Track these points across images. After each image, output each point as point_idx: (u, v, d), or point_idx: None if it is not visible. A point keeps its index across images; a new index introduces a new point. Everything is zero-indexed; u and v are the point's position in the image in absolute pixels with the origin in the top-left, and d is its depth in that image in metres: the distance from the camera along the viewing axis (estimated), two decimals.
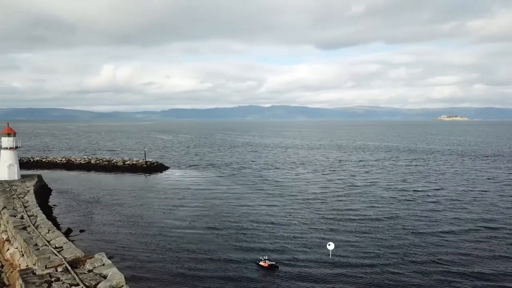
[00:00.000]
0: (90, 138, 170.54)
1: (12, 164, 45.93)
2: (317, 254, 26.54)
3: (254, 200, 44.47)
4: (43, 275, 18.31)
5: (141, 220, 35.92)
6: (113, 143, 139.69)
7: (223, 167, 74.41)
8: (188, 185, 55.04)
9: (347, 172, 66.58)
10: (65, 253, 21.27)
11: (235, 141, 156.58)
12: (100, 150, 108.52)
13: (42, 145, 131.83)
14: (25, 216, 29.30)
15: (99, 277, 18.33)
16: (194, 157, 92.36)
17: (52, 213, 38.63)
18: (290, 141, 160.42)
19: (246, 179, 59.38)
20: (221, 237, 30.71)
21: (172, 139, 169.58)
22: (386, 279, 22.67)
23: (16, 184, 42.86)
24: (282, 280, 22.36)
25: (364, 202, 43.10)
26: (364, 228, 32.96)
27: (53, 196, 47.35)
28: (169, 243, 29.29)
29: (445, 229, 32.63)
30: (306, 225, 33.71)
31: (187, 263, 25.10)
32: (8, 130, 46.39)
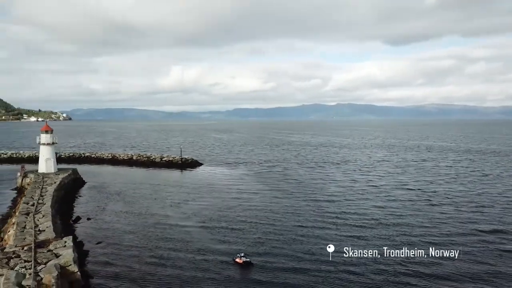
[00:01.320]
0: (148, 136, 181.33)
1: (49, 158, 51.06)
2: (315, 256, 26.14)
3: (267, 197, 44.54)
4: (9, 252, 20.85)
5: (145, 211, 38.19)
6: (166, 141, 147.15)
7: (255, 164, 75.53)
8: (212, 180, 56.93)
9: (380, 173, 63.97)
10: (41, 235, 23.81)
11: (283, 140, 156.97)
12: (151, 148, 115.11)
13: (103, 142, 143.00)
14: (35, 203, 32.84)
15: (53, 256, 20.45)
16: (233, 155, 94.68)
17: (72, 202, 42.23)
18: (340, 139, 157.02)
19: (271, 177, 59.67)
20: (212, 232, 31.41)
21: (224, 138, 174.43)
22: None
23: (49, 176, 47.72)
24: (252, 277, 22.56)
25: (381, 204, 40.88)
26: (372, 232, 31.43)
27: (84, 188, 51.59)
28: (159, 234, 30.83)
29: (460, 241, 30.24)
30: (306, 226, 32.94)
31: (166, 253, 26.40)
32: (46, 127, 51.82)
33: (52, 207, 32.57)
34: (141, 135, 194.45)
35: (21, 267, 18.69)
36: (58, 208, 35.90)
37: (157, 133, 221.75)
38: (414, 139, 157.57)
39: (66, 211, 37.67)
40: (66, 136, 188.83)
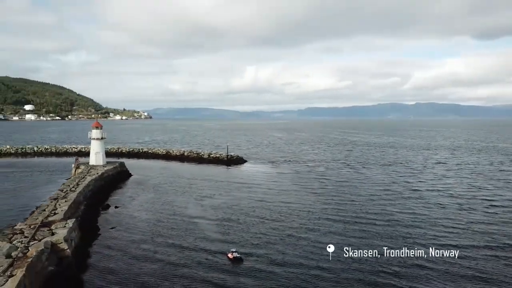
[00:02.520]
0: (211, 135, 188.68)
1: (98, 152, 56.39)
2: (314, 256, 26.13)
3: (291, 196, 44.59)
4: (17, 229, 24.20)
5: (169, 202, 40.73)
6: (224, 139, 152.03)
7: (299, 163, 75.42)
8: (248, 177, 58.28)
9: (425, 176, 60.68)
10: (52, 217, 27.06)
11: (343, 140, 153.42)
12: (210, 145, 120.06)
13: (168, 139, 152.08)
14: (67, 190, 36.98)
15: (50, 234, 23.37)
16: (281, 153, 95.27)
17: (109, 192, 46.25)
18: (404, 140, 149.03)
19: (307, 177, 59.22)
20: (218, 226, 32.47)
21: (283, 137, 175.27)
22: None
23: (96, 168, 52.78)
24: (236, 273, 22.90)
25: (410, 207, 39.31)
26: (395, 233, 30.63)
27: (127, 180, 56.00)
28: (168, 224, 32.87)
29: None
30: (318, 226, 32.74)
31: (166, 242, 28.24)
32: (96, 124, 57.25)
33: (81, 194, 36.41)
34: (206, 134, 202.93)
35: (18, 241, 21.74)
36: (91, 195, 39.90)
37: (222, 131, 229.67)
38: (490, 141, 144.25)
39: (100, 199, 41.51)
40: (140, 133, 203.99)
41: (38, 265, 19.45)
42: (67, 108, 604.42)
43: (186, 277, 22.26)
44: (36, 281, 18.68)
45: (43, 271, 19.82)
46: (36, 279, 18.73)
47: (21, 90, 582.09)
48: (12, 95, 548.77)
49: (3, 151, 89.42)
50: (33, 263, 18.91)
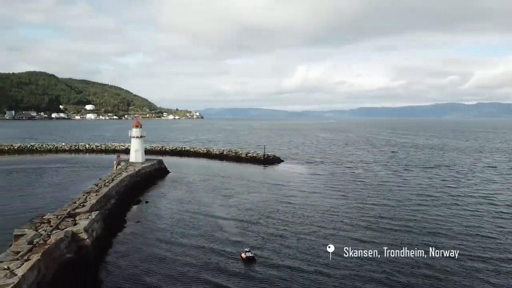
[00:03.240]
0: (255, 134, 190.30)
1: (138, 150, 59.29)
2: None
3: (319, 197, 44.24)
4: (45, 218, 26.33)
5: (197, 199, 42.09)
6: (267, 139, 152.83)
7: (337, 164, 74.27)
8: (281, 177, 58.52)
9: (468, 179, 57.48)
10: (79, 209, 29.10)
11: (391, 141, 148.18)
12: (252, 145, 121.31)
13: (212, 138, 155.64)
14: (101, 185, 39.40)
15: (72, 224, 25.22)
16: (321, 154, 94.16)
17: (144, 187, 48.48)
18: (456, 142, 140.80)
19: (342, 178, 58.13)
20: (238, 225, 32.78)
21: (328, 137, 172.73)
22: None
23: (134, 165, 55.57)
24: (247, 272, 22.96)
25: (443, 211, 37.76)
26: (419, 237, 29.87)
27: (164, 177, 58.40)
28: (190, 220, 33.98)
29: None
30: (338, 227, 32.58)
31: (183, 238, 29.34)
32: (136, 123, 60.26)
33: (113, 189, 38.66)
34: (251, 133, 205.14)
35: (43, 230, 23.72)
36: (124, 191, 42.19)
37: (267, 131, 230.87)
38: None
39: (133, 194, 43.74)
40: (188, 132, 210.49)
41: (56, 252, 21.10)
42: (124, 108, 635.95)
43: (196, 274, 22.62)
44: (53, 266, 20.31)
45: (61, 257, 21.45)
46: (53, 264, 20.35)
47: (83, 91, 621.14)
48: (75, 96, 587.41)
49: (59, 148, 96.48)
50: (50, 249, 20.56)
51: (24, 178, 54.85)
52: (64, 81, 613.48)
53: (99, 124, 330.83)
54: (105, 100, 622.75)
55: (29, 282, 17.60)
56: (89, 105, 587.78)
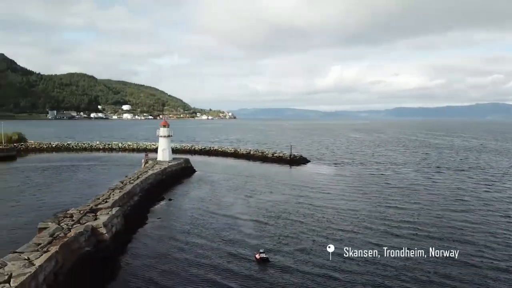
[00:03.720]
0: (285, 134, 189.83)
1: (165, 149, 60.78)
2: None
3: (341, 199, 43.61)
4: (68, 213, 27.63)
5: (218, 198, 42.64)
6: (295, 139, 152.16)
7: (365, 166, 72.99)
8: (305, 177, 58.25)
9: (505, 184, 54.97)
10: (101, 205, 30.32)
11: (425, 142, 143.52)
12: (281, 145, 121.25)
13: (241, 138, 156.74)
14: (127, 182, 40.74)
15: (93, 219, 26.32)
16: (350, 155, 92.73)
17: (169, 185, 49.57)
18: (495, 144, 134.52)
19: (368, 180, 56.95)
20: (255, 225, 32.80)
21: (359, 138, 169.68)
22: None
23: (161, 163, 57.03)
24: (261, 273, 22.86)
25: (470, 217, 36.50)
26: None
27: (190, 175, 59.48)
28: (208, 219, 34.47)
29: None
30: (354, 230, 32.34)
31: (198, 238, 29.92)
32: (164, 123, 61.78)
33: (137, 186, 39.90)
34: (281, 133, 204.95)
35: (65, 223, 24.93)
36: (148, 188, 43.42)
37: (298, 131, 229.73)
38: None
39: (158, 191, 44.90)
40: (219, 132, 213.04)
41: (74, 244, 22.16)
42: (158, 108, 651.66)
43: (208, 272, 22.82)
44: (71, 258, 21.34)
45: (79, 250, 22.49)
46: (71, 256, 21.39)
47: (120, 92, 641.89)
48: (112, 96, 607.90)
49: (93, 146, 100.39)
50: (69, 242, 21.62)
51: (57, 175, 57.53)
52: (102, 82, 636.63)
53: (134, 124, 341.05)
54: (141, 101, 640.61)
55: (46, 272, 18.61)
56: (125, 105, 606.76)
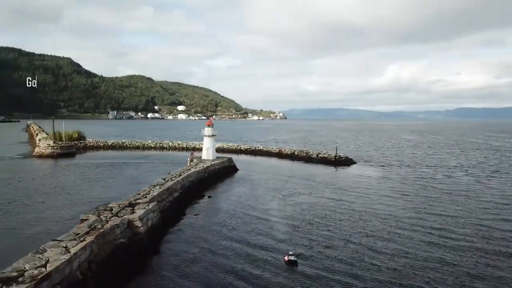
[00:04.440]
0: (334, 135, 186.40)
1: (209, 148, 62.39)
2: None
3: (381, 203, 42.36)
4: (107, 207, 29.38)
5: (256, 197, 43.11)
6: (344, 140, 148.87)
7: (414, 168, 69.95)
8: (348, 179, 57.05)
9: None
10: (140, 200, 31.89)
11: (484, 144, 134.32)
12: (329, 145, 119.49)
13: (287, 139, 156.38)
14: (169, 179, 42.41)
15: (130, 213, 27.81)
16: (399, 157, 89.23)
17: (211, 183, 50.80)
18: None
19: (415, 183, 54.62)
20: (291, 227, 32.80)
21: (413, 139, 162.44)
22: None
23: (205, 162, 58.64)
24: (287, 276, 22.54)
25: None
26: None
27: (232, 174, 60.63)
28: (243, 218, 34.84)
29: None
30: (387, 237, 31.45)
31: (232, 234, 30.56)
32: (208, 123, 63.51)
33: (178, 183, 41.40)
34: (330, 134, 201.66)
35: (104, 216, 26.58)
36: (189, 185, 44.91)
37: (349, 132, 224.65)
38: None
39: (199, 189, 46.30)
40: (267, 132, 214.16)
41: (110, 236, 23.57)
42: (211, 108, 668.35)
43: (234, 272, 22.94)
44: (105, 248, 22.75)
45: (114, 241, 23.89)
46: (106, 247, 22.80)
47: (175, 93, 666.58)
48: (168, 97, 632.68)
49: (146, 145, 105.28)
50: (105, 233, 23.06)
51: (109, 171, 61.11)
52: (159, 84, 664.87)
53: (188, 124, 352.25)
54: (195, 101, 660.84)
55: (81, 259, 20.02)
56: (180, 106, 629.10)
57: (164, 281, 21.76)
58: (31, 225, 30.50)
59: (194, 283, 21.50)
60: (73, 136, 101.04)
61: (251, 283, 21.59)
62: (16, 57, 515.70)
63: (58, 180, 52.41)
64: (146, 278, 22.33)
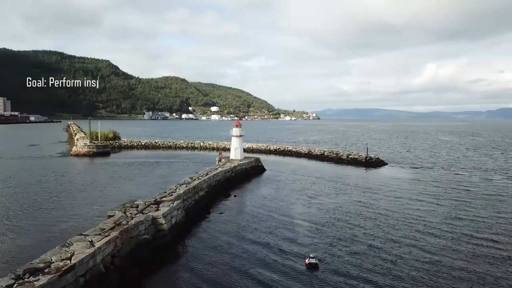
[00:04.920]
0: (368, 136, 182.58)
1: (237, 148, 62.98)
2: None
3: (410, 206, 41.26)
4: (134, 204, 30.35)
5: (280, 197, 43.12)
6: (377, 141, 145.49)
7: (448, 170, 67.50)
8: (378, 180, 55.82)
9: None
10: (165, 197, 32.69)
11: None
12: (362, 146, 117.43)
13: (319, 139, 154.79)
14: (195, 178, 43.18)
15: (154, 210, 28.59)
16: (434, 159, 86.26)
17: (238, 182, 51.34)
18: None
19: (448, 186, 52.78)
20: (316, 228, 32.27)
21: (450, 141, 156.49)
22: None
23: (233, 161, 59.26)
24: (306, 279, 22.34)
25: None
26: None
27: (260, 174, 60.86)
28: (266, 218, 35.03)
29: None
30: (414, 243, 30.74)
31: (254, 236, 30.74)
32: (236, 123, 64.18)
33: (204, 182, 42.08)
34: (364, 135, 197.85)
35: (130, 213, 27.49)
36: (216, 184, 45.53)
37: (383, 133, 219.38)
38: None
39: (225, 188, 46.86)
40: (298, 132, 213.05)
41: (133, 231, 24.38)
42: (244, 109, 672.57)
43: (253, 272, 22.97)
44: (129, 243, 23.55)
45: (138, 237, 24.69)
46: (129, 242, 23.60)
47: (209, 94, 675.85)
48: (202, 98, 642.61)
49: (178, 145, 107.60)
50: (129, 229, 23.88)
51: (139, 170, 62.98)
52: (193, 85, 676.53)
53: (220, 124, 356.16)
54: (228, 102, 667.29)
55: (105, 253, 20.85)
56: (214, 107, 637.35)
57: (183, 278, 22.27)
58: (62, 221, 31.99)
59: (211, 282, 21.79)
60: (108, 136, 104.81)
61: (268, 286, 21.40)
62: (59, 60, 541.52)
63: (91, 178, 54.62)
64: (166, 274, 22.95)
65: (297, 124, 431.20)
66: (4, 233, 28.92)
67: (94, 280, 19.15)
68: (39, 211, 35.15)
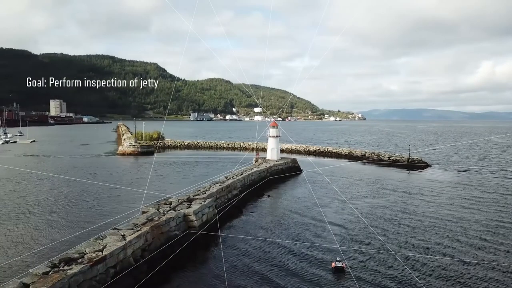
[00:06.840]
0: (416, 137, 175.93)
1: (274, 148, 63.43)
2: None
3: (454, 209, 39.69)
4: (168, 201, 31.62)
5: (313, 199, 42.91)
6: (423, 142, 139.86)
7: (499, 174, 63.60)
8: (418, 183, 54.01)
9: None
10: (198, 195, 33.73)
11: None
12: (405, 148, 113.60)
13: (362, 140, 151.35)
14: (230, 177, 44.08)
15: (186, 207, 29.63)
16: (483, 161, 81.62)
17: (273, 182, 51.59)
18: None
19: (497, 191, 50.12)
20: (345, 230, 32.37)
21: (502, 142, 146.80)
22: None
23: (269, 162, 59.79)
24: (329, 282, 22.09)
25: None
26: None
27: (295, 174, 60.73)
28: (293, 218, 35.27)
29: None
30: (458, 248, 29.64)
31: (278, 238, 31.06)
32: (273, 123, 64.62)
33: (238, 181, 42.90)
34: (410, 136, 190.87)
35: (162, 209, 28.71)
36: (250, 184, 46.24)
37: (429, 134, 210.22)
38: None
39: (260, 188, 47.40)
40: (341, 133, 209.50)
41: (164, 227, 25.50)
42: (287, 110, 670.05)
43: (278, 275, 22.96)
44: (160, 238, 24.67)
45: (168, 233, 25.78)
46: (160, 237, 24.73)
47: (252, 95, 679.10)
48: (245, 99, 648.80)
49: (219, 145, 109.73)
50: (159, 225, 25.03)
51: (180, 169, 65.10)
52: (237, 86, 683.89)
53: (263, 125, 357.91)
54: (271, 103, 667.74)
55: (135, 247, 22.04)
56: (257, 108, 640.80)
57: (210, 275, 22.96)
58: (101, 216, 33.95)
59: (236, 280, 22.28)
60: (153, 136, 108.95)
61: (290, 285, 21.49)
62: (110, 64, 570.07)
63: (133, 176, 57.27)
64: (194, 270, 23.77)
65: (341, 125, 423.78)
66: (48, 226, 31.26)
67: (124, 271, 20.31)
68: (81, 208, 37.51)
